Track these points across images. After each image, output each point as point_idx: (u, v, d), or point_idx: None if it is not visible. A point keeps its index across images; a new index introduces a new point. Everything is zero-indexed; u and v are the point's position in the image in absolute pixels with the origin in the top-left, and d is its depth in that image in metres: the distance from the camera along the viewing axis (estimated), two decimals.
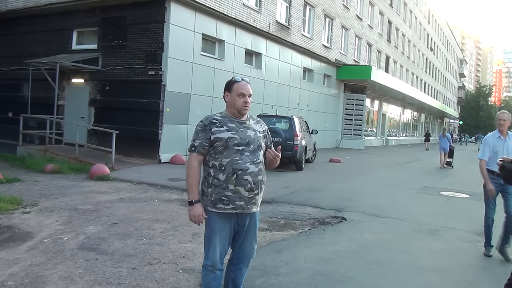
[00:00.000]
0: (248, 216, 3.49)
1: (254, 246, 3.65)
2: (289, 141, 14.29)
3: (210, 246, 3.44)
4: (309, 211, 8.46)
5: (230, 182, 3.32)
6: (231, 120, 3.45)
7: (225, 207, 3.35)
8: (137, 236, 6.16)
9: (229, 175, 3.32)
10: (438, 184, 13.80)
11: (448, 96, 76.27)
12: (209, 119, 3.43)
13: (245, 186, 3.33)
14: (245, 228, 3.51)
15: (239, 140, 3.37)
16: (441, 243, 6.69)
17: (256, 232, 3.63)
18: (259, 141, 3.49)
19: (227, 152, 3.35)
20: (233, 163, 3.33)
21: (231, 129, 3.39)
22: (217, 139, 3.35)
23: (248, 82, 3.54)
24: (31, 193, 8.90)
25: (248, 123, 3.51)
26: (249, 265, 3.73)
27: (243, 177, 3.32)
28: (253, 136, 3.46)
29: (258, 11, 19.70)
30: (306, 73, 25.90)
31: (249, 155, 3.39)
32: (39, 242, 5.70)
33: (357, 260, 5.61)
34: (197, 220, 3.39)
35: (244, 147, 3.38)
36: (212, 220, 3.42)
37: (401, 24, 43.73)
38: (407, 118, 51.07)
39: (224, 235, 3.44)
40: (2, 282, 4.25)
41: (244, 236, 3.53)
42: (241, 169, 3.32)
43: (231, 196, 3.33)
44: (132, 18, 15.36)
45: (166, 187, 10.47)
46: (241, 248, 3.58)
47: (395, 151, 32.22)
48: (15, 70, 18.28)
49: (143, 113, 14.93)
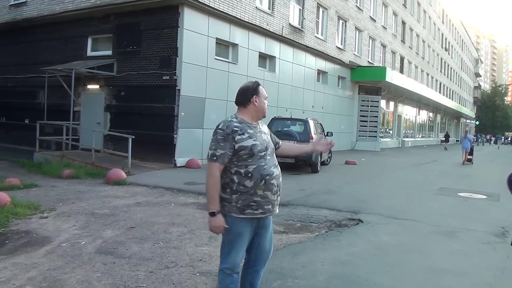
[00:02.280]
0: (266, 218, 3.50)
1: (271, 247, 3.66)
2: (304, 143, 14.23)
3: (232, 250, 3.41)
4: (325, 213, 8.43)
5: (259, 188, 3.32)
6: (248, 125, 3.41)
7: (254, 212, 3.35)
8: (154, 239, 6.19)
9: (258, 181, 3.31)
10: (455, 185, 13.66)
11: (464, 96, 75.48)
12: (230, 127, 3.32)
13: (272, 190, 3.37)
14: (263, 230, 3.51)
15: (260, 146, 3.37)
16: (459, 245, 6.61)
17: (272, 232, 3.65)
18: (271, 144, 3.54)
19: (252, 159, 3.32)
20: (260, 169, 3.33)
21: (251, 136, 3.36)
22: (242, 147, 3.29)
23: (261, 85, 3.59)
24: (49, 198, 8.99)
25: (259, 127, 3.52)
26: (265, 266, 3.71)
27: (270, 182, 3.35)
28: (267, 140, 3.49)
29: (271, 14, 19.71)
30: (320, 75, 25.85)
31: (270, 159, 3.42)
32: (57, 247, 5.75)
33: (374, 262, 5.58)
34: (219, 231, 3.35)
35: (265, 152, 3.40)
36: (236, 225, 3.37)
37: (415, 25, 43.43)
38: (423, 119, 50.63)
39: (247, 238, 3.44)
40: (20, 286, 4.30)
41: (263, 237, 3.54)
42: (268, 174, 3.35)
43: (260, 201, 3.34)
44: (146, 24, 15.47)
45: (182, 191, 10.50)
46: (258, 249, 3.56)
47: (412, 152, 31.97)
48: (31, 78, 18.52)
49: (158, 117, 15.01)
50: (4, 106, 20.41)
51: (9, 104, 20.05)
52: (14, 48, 19.82)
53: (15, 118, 19.68)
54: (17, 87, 19.72)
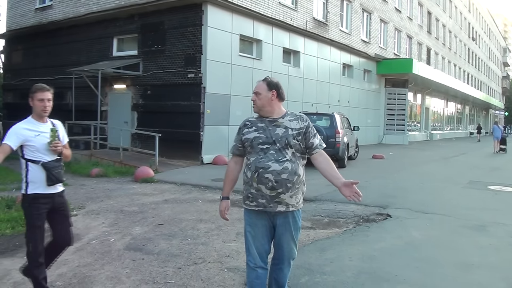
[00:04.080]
0: (280, 215, 3.44)
1: (292, 247, 3.56)
2: (330, 138, 14.15)
3: (246, 241, 3.54)
4: (353, 208, 8.35)
5: (253, 180, 3.38)
6: (261, 120, 3.52)
7: (250, 204, 3.45)
8: (182, 236, 6.25)
9: (253, 172, 3.38)
10: (485, 178, 13.40)
11: (492, 87, 73.87)
12: (244, 122, 3.61)
13: (266, 184, 3.34)
14: (278, 228, 3.47)
15: (264, 139, 3.41)
16: (489, 239, 6.47)
17: (293, 233, 3.52)
18: (288, 139, 3.40)
19: (253, 151, 3.44)
20: (256, 161, 3.39)
21: (259, 129, 3.46)
22: (246, 139, 3.50)
23: (263, 79, 3.57)
24: (78, 197, 9.13)
25: (280, 121, 3.48)
26: (291, 265, 3.66)
27: (263, 175, 3.34)
28: (281, 135, 3.41)
29: (295, 9, 19.63)
30: (346, 69, 25.65)
31: (274, 153, 3.37)
32: (87, 244, 5.86)
33: (403, 257, 5.52)
34: (220, 215, 3.68)
35: (269, 146, 3.39)
36: (246, 216, 3.54)
37: (441, 15, 42.69)
38: (451, 111, 49.78)
39: (258, 232, 3.46)
40: (51, 282, 4.38)
41: (281, 236, 3.50)
42: (262, 167, 3.35)
43: (254, 193, 3.40)
44: (170, 22, 15.59)
45: (209, 187, 10.56)
46: (279, 249, 3.56)
47: (440, 145, 31.49)
48: (58, 79, 18.79)
49: (184, 115, 15.10)
50: None
51: None
52: (41, 50, 20.19)
53: None
54: None
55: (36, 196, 3.92)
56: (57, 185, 4.05)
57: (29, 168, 3.90)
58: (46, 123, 4.02)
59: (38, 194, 3.92)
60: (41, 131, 3.93)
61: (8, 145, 3.80)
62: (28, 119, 4.00)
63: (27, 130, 3.89)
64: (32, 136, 3.87)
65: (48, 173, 3.91)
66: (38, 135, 3.90)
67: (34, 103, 3.95)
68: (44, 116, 4.00)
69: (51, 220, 4.07)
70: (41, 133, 3.92)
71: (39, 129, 3.93)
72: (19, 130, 3.88)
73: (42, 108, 3.94)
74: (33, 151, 3.89)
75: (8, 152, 3.82)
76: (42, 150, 3.90)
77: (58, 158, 4.03)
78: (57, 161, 4.01)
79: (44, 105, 3.94)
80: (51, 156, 3.96)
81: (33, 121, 3.98)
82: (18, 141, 3.84)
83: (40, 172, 3.90)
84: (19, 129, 3.88)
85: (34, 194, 3.92)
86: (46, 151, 3.92)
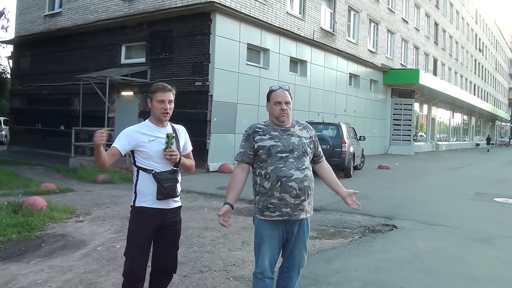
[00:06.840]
0: (297, 223, 3.45)
1: (304, 255, 3.59)
2: (336, 148, 14.17)
3: (259, 253, 3.45)
4: (358, 219, 8.35)
5: (275, 189, 3.33)
6: (274, 128, 3.48)
7: (271, 215, 3.37)
8: (188, 244, 6.24)
9: (274, 182, 3.33)
10: (491, 190, 13.34)
11: (499, 98, 73.65)
12: (253, 128, 3.51)
13: (290, 192, 3.32)
14: (294, 236, 3.47)
15: (282, 148, 3.38)
16: (495, 252, 6.45)
17: (306, 240, 3.57)
18: (304, 147, 3.45)
19: (271, 160, 3.37)
20: (277, 170, 3.34)
21: (274, 137, 3.42)
22: (260, 147, 3.41)
23: (286, 89, 3.53)
24: (84, 203, 9.17)
25: (292, 130, 3.50)
26: (299, 273, 3.68)
27: (287, 183, 3.31)
28: (297, 143, 3.44)
29: (302, 19, 19.71)
30: (352, 79, 25.69)
31: (294, 161, 3.38)
32: (92, 250, 5.87)
33: (409, 269, 5.50)
34: (219, 220, 3.40)
35: (287, 154, 3.38)
36: (261, 228, 3.44)
37: (448, 26, 42.71)
38: (457, 122, 49.64)
39: (273, 242, 3.43)
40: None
41: (294, 244, 3.50)
42: (285, 176, 3.32)
43: (276, 203, 3.34)
44: (178, 31, 15.68)
45: (215, 195, 10.57)
46: (290, 257, 3.55)
47: (446, 156, 31.37)
48: (66, 86, 18.98)
49: (191, 123, 14.92)
50: (40, 113, 20.99)
51: (45, 111, 20.62)
52: (50, 57, 20.38)
53: (51, 124, 20.21)
54: (53, 94, 20.23)
55: (142, 209, 3.46)
56: (170, 199, 3.53)
57: (139, 177, 3.48)
58: (165, 127, 3.60)
59: (145, 208, 3.46)
60: (158, 136, 3.49)
61: (117, 148, 3.42)
62: (144, 122, 3.62)
63: (140, 134, 3.48)
64: (145, 141, 3.45)
65: (159, 185, 3.42)
66: (153, 140, 3.47)
67: (153, 105, 3.56)
68: (163, 120, 3.58)
69: (157, 239, 3.59)
70: (157, 139, 3.48)
71: (156, 134, 3.51)
72: (131, 133, 3.49)
73: (162, 111, 3.52)
74: (145, 158, 3.46)
75: (117, 155, 3.45)
76: (155, 158, 3.46)
77: (174, 169, 3.54)
78: (172, 173, 3.52)
79: (164, 107, 3.52)
80: (165, 166, 3.49)
81: (150, 125, 3.56)
82: (129, 145, 3.44)
83: (150, 183, 3.43)
84: (131, 132, 3.50)
85: (141, 208, 3.46)
86: (160, 160, 3.46)
